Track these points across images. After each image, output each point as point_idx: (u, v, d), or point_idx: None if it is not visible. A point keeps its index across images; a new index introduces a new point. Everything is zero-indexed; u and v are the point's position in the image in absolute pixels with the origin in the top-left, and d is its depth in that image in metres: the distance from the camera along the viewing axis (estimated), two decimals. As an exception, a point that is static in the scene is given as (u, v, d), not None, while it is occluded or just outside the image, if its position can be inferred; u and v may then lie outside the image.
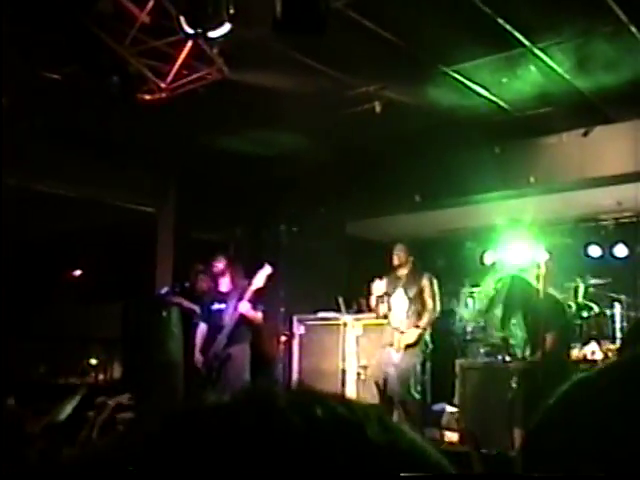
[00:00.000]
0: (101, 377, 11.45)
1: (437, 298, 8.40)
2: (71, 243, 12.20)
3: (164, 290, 10.03)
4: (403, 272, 8.46)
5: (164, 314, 9.98)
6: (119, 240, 11.27)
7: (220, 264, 8.52)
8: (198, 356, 8.34)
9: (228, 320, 8.22)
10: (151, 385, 9.24)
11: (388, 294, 8.41)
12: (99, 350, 11.76)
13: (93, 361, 11.61)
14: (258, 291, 8.22)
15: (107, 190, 10.24)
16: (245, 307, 8.15)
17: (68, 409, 6.41)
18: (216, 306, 8.41)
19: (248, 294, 8.13)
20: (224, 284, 8.50)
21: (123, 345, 11.17)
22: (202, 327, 8.49)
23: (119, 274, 11.41)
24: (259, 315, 8.35)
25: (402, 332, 8.22)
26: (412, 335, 8.19)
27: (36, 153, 9.23)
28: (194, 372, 8.38)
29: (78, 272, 13.28)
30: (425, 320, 8.27)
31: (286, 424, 0.57)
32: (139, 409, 7.55)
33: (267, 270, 8.18)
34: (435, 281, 8.46)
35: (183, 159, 9.97)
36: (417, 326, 8.25)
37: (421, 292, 8.33)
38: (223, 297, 8.42)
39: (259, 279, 8.15)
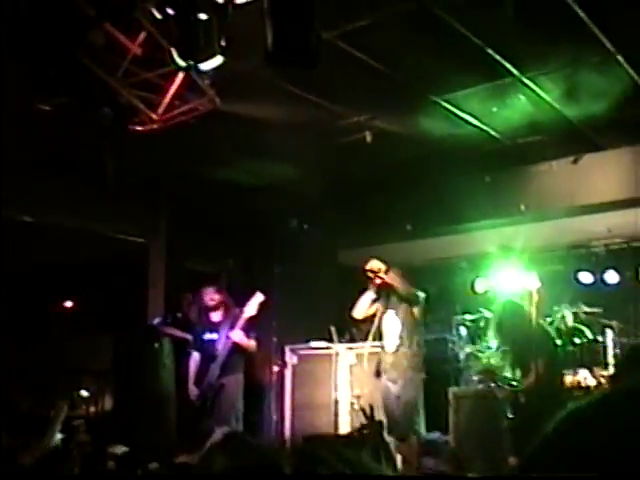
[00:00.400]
0: (92, 409, 11.34)
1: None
2: (62, 274, 12.15)
3: (156, 321, 9.99)
4: (395, 294, 8.19)
5: (156, 345, 9.91)
6: (111, 271, 11.23)
7: (212, 294, 8.47)
8: (192, 387, 8.27)
9: (221, 349, 8.14)
10: (143, 417, 9.17)
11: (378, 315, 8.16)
12: (90, 382, 11.66)
13: (84, 393, 11.51)
14: (250, 319, 8.19)
15: (98, 221, 10.22)
16: (238, 335, 8.10)
17: (57, 434, 6.38)
18: (208, 336, 8.34)
19: (240, 322, 8.10)
20: (216, 314, 8.44)
21: (115, 377, 11.09)
22: (195, 357, 8.41)
23: (111, 305, 11.36)
24: (252, 343, 8.30)
25: (396, 355, 7.97)
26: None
27: (27, 184, 9.22)
28: (188, 403, 8.32)
29: (69, 303, 13.21)
30: (417, 345, 8.07)
31: None
32: (132, 443, 7.50)
33: (259, 298, 8.15)
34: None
35: (175, 190, 9.98)
36: (414, 354, 7.99)
37: (412, 314, 8.09)
38: (215, 327, 8.34)
39: (251, 307, 8.12)
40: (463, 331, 10.35)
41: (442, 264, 11.49)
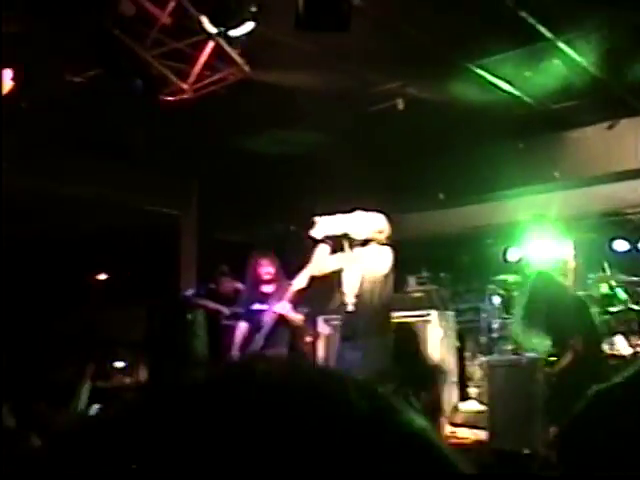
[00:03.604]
0: (127, 380, 11.46)
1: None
2: (96, 246, 12.23)
3: (189, 292, 10.03)
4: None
5: (189, 316, 9.98)
6: (143, 243, 11.29)
7: (267, 266, 8.25)
8: (235, 355, 8.09)
9: (267, 321, 8.00)
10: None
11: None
12: (125, 353, 11.77)
13: (119, 364, 11.62)
14: (299, 292, 8.08)
15: (131, 193, 10.27)
16: (284, 308, 7.95)
17: (84, 396, 6.44)
18: (257, 306, 8.18)
19: (288, 295, 8.00)
20: (268, 286, 8.22)
21: (148, 348, 11.18)
22: (242, 327, 8.22)
23: (144, 277, 11.43)
24: (299, 317, 8.20)
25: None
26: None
27: (62, 157, 9.27)
28: None
29: (103, 275, 13.32)
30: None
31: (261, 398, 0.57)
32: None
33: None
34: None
35: (205, 160, 9.97)
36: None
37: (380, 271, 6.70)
38: (265, 298, 8.17)
39: (301, 280, 7.97)
40: (496, 300, 10.28)
41: (475, 233, 11.40)
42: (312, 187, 10.42)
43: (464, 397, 9.30)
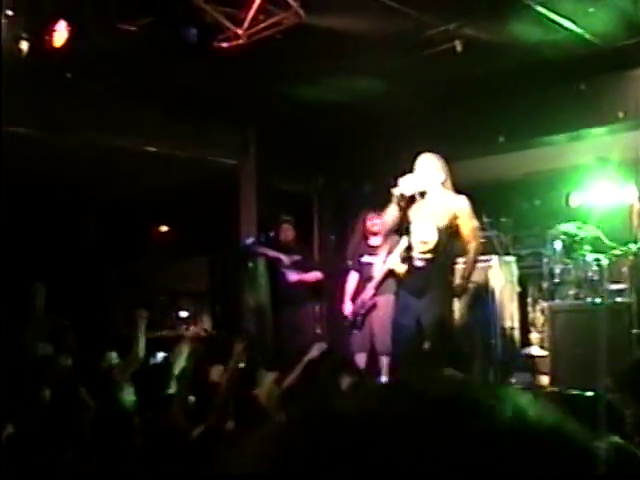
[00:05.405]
0: (191, 329, 11.65)
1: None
2: (156, 199, 12.36)
3: (249, 241, 10.11)
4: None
5: (250, 265, 10.08)
6: (203, 194, 11.36)
7: (374, 219, 8.82)
8: (348, 303, 8.93)
9: (378, 272, 8.65)
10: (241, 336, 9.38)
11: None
12: (189, 303, 11.96)
13: (183, 314, 11.82)
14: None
15: (188, 144, 10.29)
16: (396, 262, 8.26)
17: (142, 345, 6.55)
18: (366, 259, 8.90)
19: (399, 250, 8.19)
20: (376, 239, 8.91)
21: (211, 297, 11.34)
22: (353, 276, 9.03)
23: (205, 228, 11.54)
24: (405, 268, 8.47)
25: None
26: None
27: (116, 110, 9.32)
28: (342, 318, 9.04)
29: (164, 228, 13.48)
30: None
31: None
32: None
33: None
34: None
35: (263, 110, 9.93)
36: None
37: (454, 220, 7.09)
38: (373, 250, 8.88)
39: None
40: (558, 245, 10.12)
41: (536, 178, 11.20)
42: (369, 136, 10.35)
43: (526, 343, 9.24)
